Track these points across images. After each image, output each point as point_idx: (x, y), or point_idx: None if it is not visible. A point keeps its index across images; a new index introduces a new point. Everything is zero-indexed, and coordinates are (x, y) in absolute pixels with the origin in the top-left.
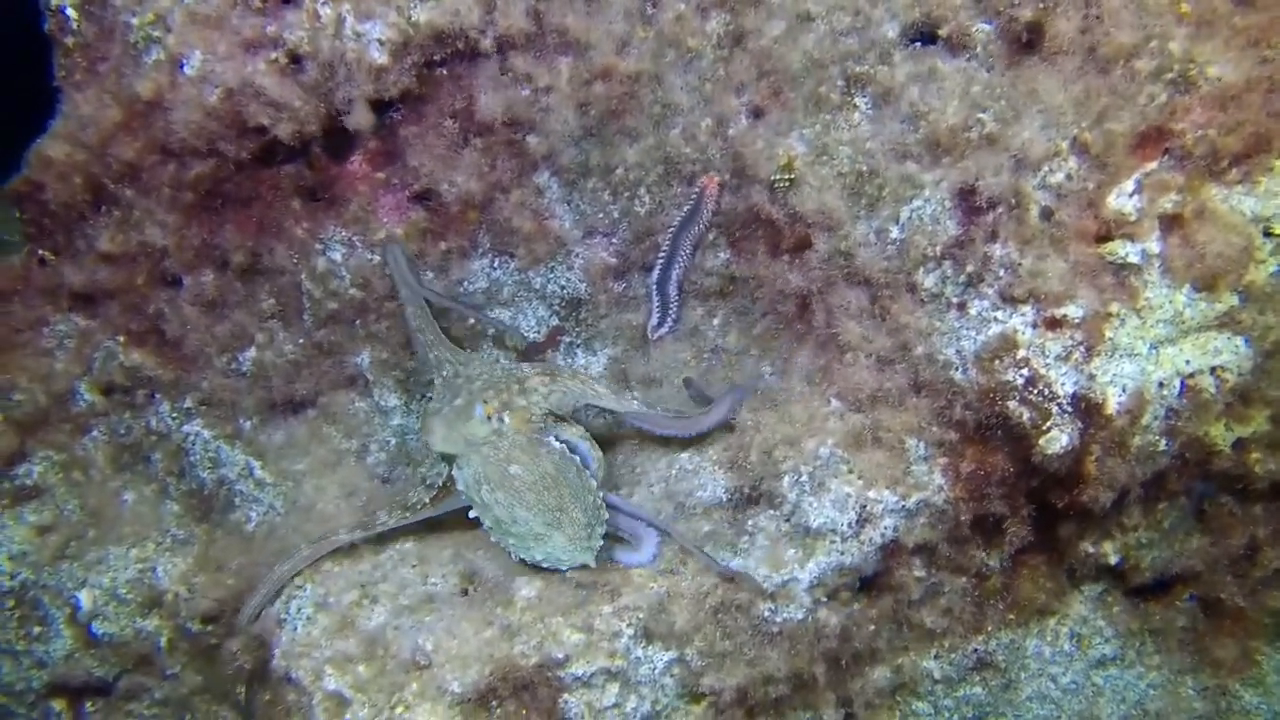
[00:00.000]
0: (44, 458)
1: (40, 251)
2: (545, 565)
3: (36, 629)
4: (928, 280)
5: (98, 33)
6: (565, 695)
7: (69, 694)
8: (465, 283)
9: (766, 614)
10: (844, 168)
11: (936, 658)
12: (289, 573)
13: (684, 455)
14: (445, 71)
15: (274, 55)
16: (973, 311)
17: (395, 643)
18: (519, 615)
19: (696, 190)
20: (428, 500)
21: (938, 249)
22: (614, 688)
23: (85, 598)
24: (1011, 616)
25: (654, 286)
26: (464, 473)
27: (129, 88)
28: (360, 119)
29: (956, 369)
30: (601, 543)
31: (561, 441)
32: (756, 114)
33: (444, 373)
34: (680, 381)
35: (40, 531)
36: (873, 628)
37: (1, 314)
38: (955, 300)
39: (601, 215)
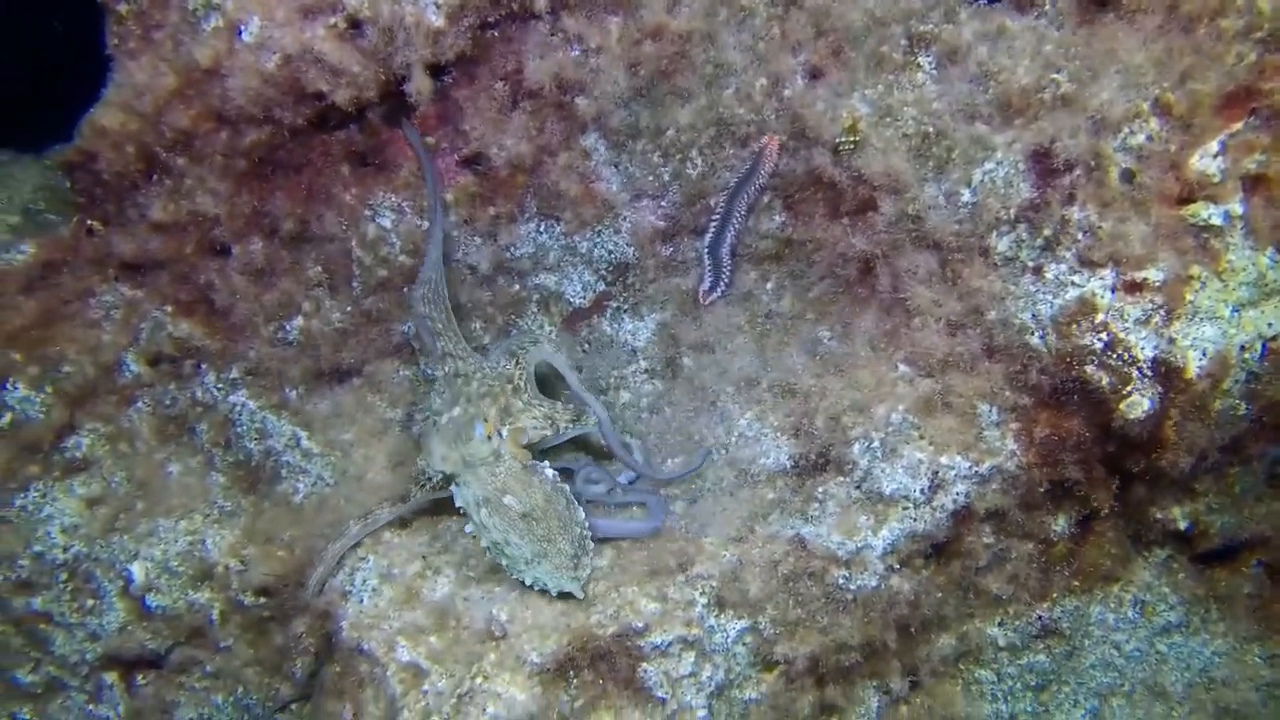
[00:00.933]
0: (91, 430)
1: (89, 222)
2: (535, 588)
3: (89, 602)
4: (1001, 244)
5: (153, 1)
6: (644, 664)
7: (121, 666)
8: (512, 247)
9: (840, 581)
10: (909, 129)
11: (1001, 625)
12: (342, 549)
13: (743, 422)
14: (497, 33)
15: (333, 20)
16: (1049, 275)
17: (467, 613)
18: (592, 585)
19: (754, 151)
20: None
21: (1011, 212)
22: (690, 656)
23: (138, 570)
24: (1077, 583)
25: (706, 250)
26: (464, 492)
27: (186, 55)
28: (419, 84)
29: (1032, 333)
30: (589, 572)
31: (554, 469)
32: (814, 74)
33: (445, 368)
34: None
35: (90, 504)
36: (940, 595)
37: (50, 285)
38: (1030, 264)
39: (651, 178)
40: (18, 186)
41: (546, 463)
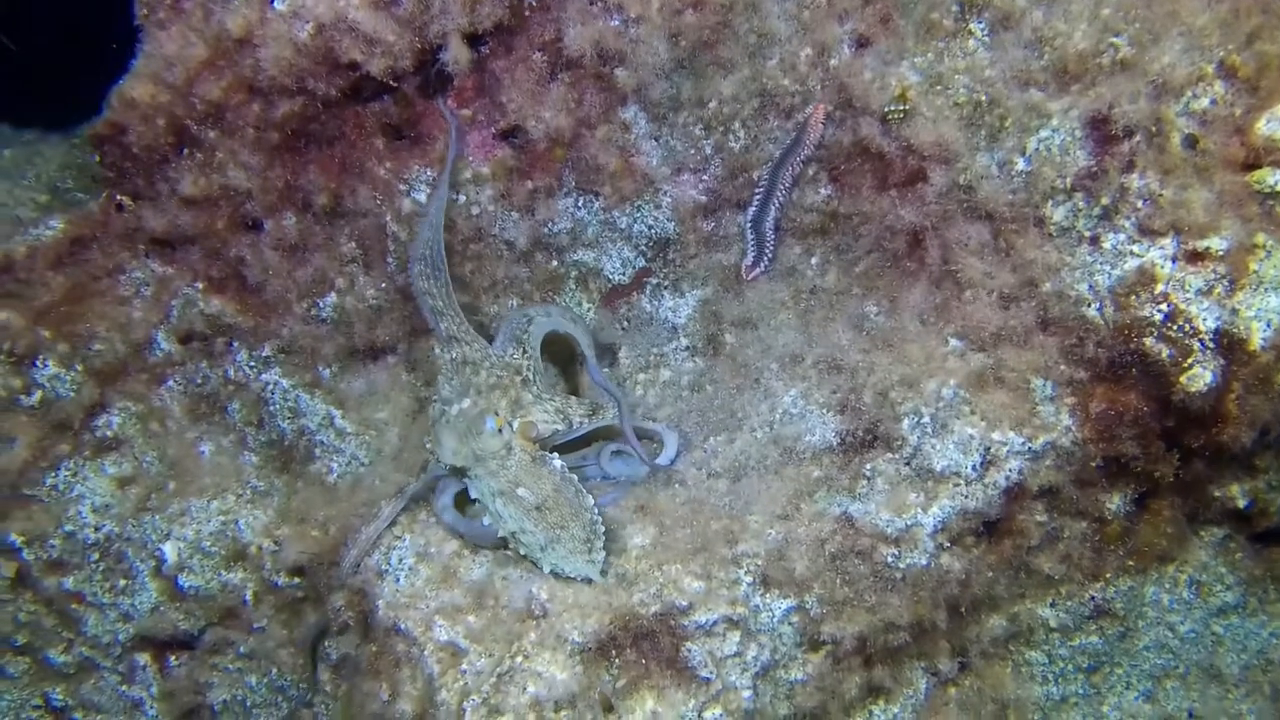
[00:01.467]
0: (122, 408)
1: (119, 197)
2: (554, 574)
3: (121, 582)
4: (1057, 213)
5: None
6: (688, 644)
7: (154, 647)
8: (550, 223)
9: (889, 560)
10: (961, 98)
11: (1053, 605)
12: (377, 531)
13: (787, 399)
14: (535, 2)
15: None
16: (1107, 245)
17: (505, 592)
18: (634, 564)
19: (799, 121)
20: None
21: (1068, 180)
22: (735, 636)
23: (170, 550)
24: (1131, 563)
25: (749, 224)
26: (479, 485)
27: (218, 24)
28: (456, 53)
29: (1089, 305)
30: (604, 555)
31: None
32: (861, 43)
33: (452, 353)
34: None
35: (121, 483)
36: (991, 574)
37: (80, 261)
38: (1088, 234)
39: (693, 151)
40: (45, 165)
41: (555, 454)
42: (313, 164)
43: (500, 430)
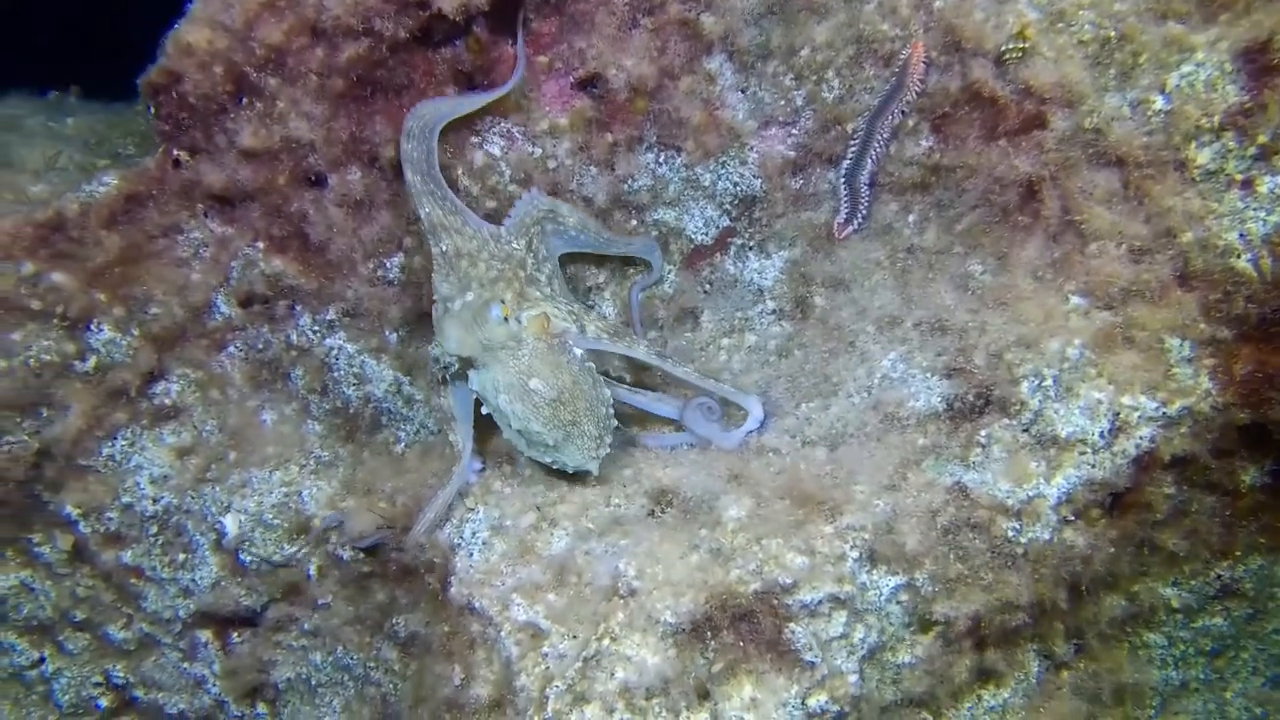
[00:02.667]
0: (181, 375)
1: (176, 152)
2: (555, 467)
3: (181, 556)
4: (1202, 155)
5: None
6: (791, 624)
7: (216, 623)
8: (630, 179)
9: (1010, 534)
10: (1085, 35)
11: (1175, 584)
12: (449, 496)
13: (886, 363)
14: None
15: None
16: (1263, 189)
17: (589, 569)
18: (730, 538)
19: (897, 67)
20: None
21: (1215, 119)
22: (841, 615)
23: (230, 523)
24: (1263, 540)
25: (843, 179)
26: (482, 377)
27: None
28: None
29: (1239, 255)
30: (609, 450)
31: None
32: None
33: (443, 245)
34: None
35: (180, 454)
36: (1113, 550)
37: (135, 220)
38: (1240, 176)
39: (782, 103)
40: (108, 131)
41: (574, 345)
42: (379, 114)
43: (507, 319)
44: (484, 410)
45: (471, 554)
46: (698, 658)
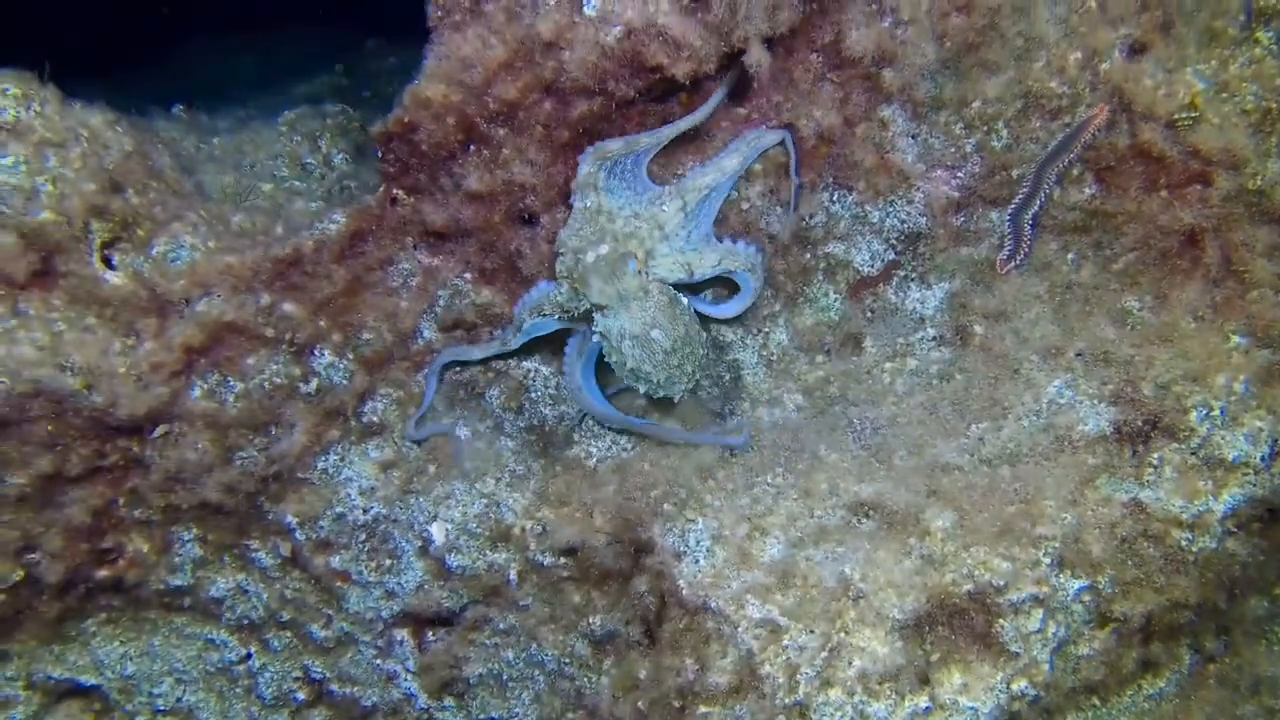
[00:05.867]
0: (384, 394)
1: (395, 191)
2: (643, 392)
3: (388, 561)
4: None
5: None
6: (1000, 620)
7: (415, 623)
8: (810, 217)
9: (1183, 543)
10: (1248, 105)
11: None
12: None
13: (1051, 389)
14: (816, 5)
15: None
16: None
17: (813, 573)
18: (940, 545)
19: (1074, 121)
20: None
21: None
22: (1039, 613)
23: (437, 532)
24: None
25: (1009, 218)
26: (609, 322)
27: (526, 27)
28: (758, 56)
29: None
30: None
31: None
32: (1136, 48)
33: (586, 201)
34: None
35: (383, 467)
36: (1263, 558)
37: (358, 255)
38: None
39: (952, 149)
40: (255, 152)
41: (684, 293)
42: None
43: (640, 273)
44: (598, 343)
45: (698, 560)
46: (918, 649)
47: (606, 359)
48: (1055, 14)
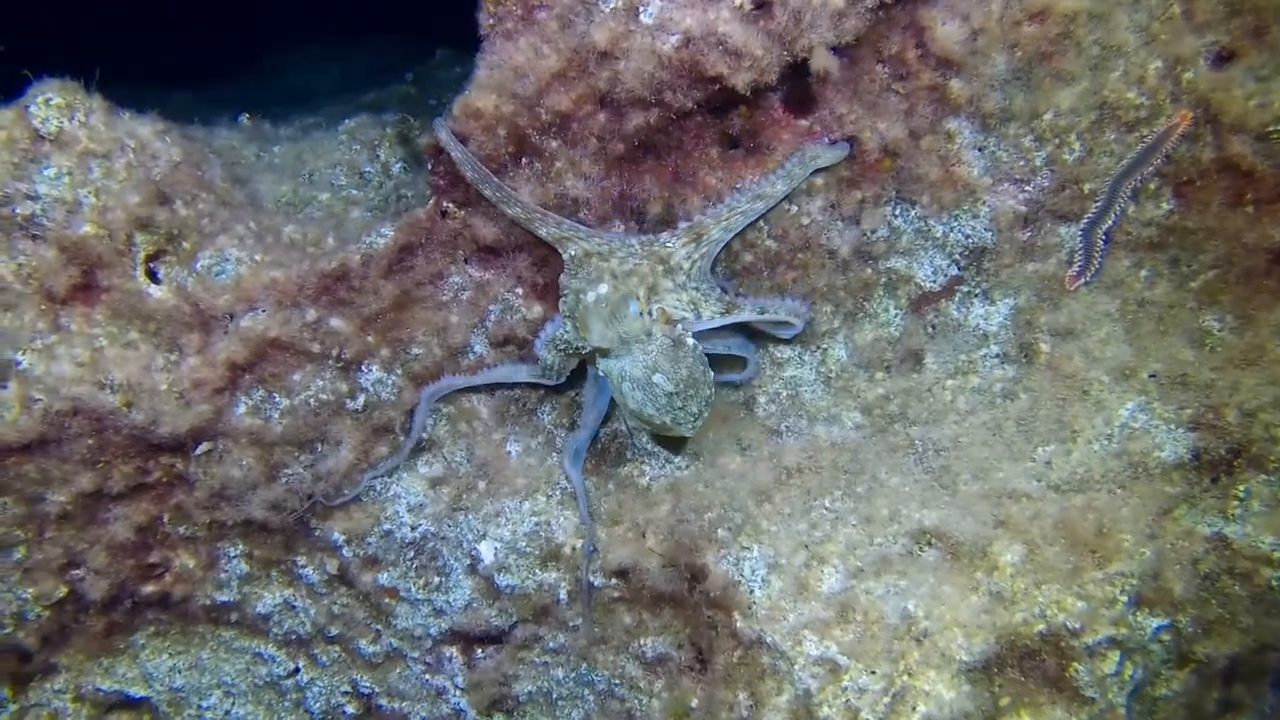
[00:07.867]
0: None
1: (445, 204)
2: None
3: (436, 579)
4: None
5: None
6: (1075, 664)
7: (464, 640)
8: (872, 231)
9: (1274, 583)
10: None
11: None
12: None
13: (1124, 412)
14: (884, 14)
15: (738, 1)
16: None
17: (873, 608)
18: (1009, 581)
19: (1159, 132)
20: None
21: None
22: (1116, 655)
23: (486, 550)
24: None
25: (1081, 234)
26: (611, 364)
27: (579, 36)
28: (825, 64)
29: None
30: (704, 421)
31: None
32: (1224, 56)
33: (570, 251)
34: None
35: (433, 484)
36: None
37: (407, 269)
38: None
39: (1021, 162)
40: (315, 161)
41: (689, 332)
42: (648, 173)
43: (643, 314)
44: (600, 381)
45: (753, 590)
46: (986, 692)
47: (614, 395)
48: (1135, 21)
